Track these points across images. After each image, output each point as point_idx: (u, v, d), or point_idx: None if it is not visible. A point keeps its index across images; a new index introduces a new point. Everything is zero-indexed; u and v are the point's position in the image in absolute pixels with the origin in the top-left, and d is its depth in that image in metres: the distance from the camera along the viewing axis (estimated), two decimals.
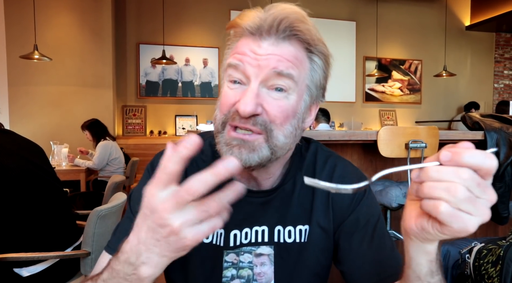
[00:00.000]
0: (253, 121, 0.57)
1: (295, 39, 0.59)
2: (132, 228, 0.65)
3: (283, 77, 0.57)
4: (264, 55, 0.57)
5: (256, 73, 0.57)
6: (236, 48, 0.60)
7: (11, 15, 4.43)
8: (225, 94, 0.60)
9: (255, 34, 0.58)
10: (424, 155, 1.81)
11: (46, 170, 1.52)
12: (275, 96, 0.58)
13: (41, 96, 4.60)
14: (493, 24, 6.47)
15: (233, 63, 0.58)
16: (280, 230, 0.68)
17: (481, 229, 2.46)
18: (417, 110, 6.68)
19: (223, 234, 0.68)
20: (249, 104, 0.55)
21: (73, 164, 3.64)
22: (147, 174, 0.72)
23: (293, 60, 0.58)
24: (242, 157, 0.57)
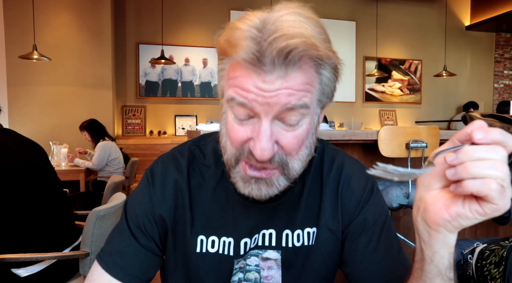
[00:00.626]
0: (271, 161, 0.54)
1: (304, 63, 0.51)
2: (129, 245, 0.65)
3: (296, 110, 0.52)
4: (272, 92, 0.50)
5: (266, 111, 0.51)
6: (235, 78, 0.53)
7: (10, 15, 4.42)
8: (234, 129, 0.55)
9: (253, 63, 0.50)
10: (425, 154, 1.80)
11: (46, 169, 1.51)
12: (288, 129, 0.54)
13: (40, 96, 4.59)
14: (493, 24, 6.46)
15: (238, 101, 0.52)
16: (289, 234, 0.67)
17: (482, 229, 2.46)
18: (417, 110, 6.68)
19: (232, 243, 0.66)
20: (266, 150, 0.52)
21: (73, 164, 3.63)
22: (146, 181, 0.68)
23: (305, 87, 0.52)
24: (262, 193, 0.57)
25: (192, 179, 0.67)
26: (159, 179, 0.66)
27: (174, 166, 0.67)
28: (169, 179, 0.66)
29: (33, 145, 1.56)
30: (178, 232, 0.66)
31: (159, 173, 0.67)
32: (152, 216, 0.65)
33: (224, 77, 0.57)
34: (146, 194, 0.66)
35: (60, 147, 3.71)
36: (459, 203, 0.41)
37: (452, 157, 0.40)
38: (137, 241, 0.65)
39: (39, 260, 1.37)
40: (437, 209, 0.43)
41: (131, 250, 0.64)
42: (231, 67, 0.54)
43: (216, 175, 0.67)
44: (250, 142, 0.54)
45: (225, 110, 0.58)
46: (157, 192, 0.66)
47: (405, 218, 2.31)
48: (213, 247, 0.65)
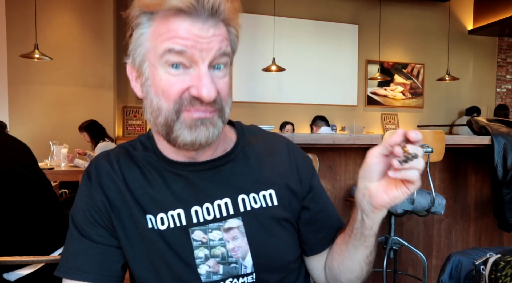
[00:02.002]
0: (214, 102, 0.59)
1: (225, 15, 0.59)
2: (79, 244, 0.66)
3: (224, 56, 0.59)
4: (209, 38, 0.57)
5: (203, 57, 0.57)
6: (169, 31, 0.56)
7: (12, 14, 4.40)
8: (169, 83, 0.58)
9: (192, 15, 0.56)
10: (431, 159, 1.77)
11: (33, 170, 1.48)
12: (220, 75, 0.60)
13: (41, 96, 4.57)
14: (495, 28, 6.45)
15: (177, 49, 0.56)
16: (245, 198, 0.68)
17: (486, 235, 2.42)
18: (419, 114, 6.65)
19: (182, 214, 0.65)
20: (212, 89, 0.57)
21: (73, 164, 3.60)
22: (83, 181, 0.70)
23: (227, 37, 0.60)
24: (209, 133, 0.60)
25: (123, 167, 0.69)
26: (94, 173, 0.68)
27: (105, 159, 0.70)
28: (102, 171, 0.68)
29: (19, 145, 1.53)
30: (123, 217, 0.66)
31: (92, 170, 0.69)
32: (96, 205, 0.66)
33: (148, 40, 0.59)
34: (86, 190, 0.68)
35: (60, 147, 3.68)
36: (393, 189, 0.57)
37: (396, 163, 0.54)
38: (88, 239, 0.65)
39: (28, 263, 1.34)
40: (380, 194, 0.58)
41: (83, 248, 0.64)
42: (160, 24, 0.58)
43: (147, 158, 0.69)
44: (191, 89, 0.57)
45: (148, 74, 0.60)
46: (93, 184, 0.67)
47: (408, 224, 2.28)
48: (163, 223, 0.65)
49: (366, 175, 0.59)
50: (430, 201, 1.76)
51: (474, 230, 2.40)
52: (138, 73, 0.63)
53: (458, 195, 2.35)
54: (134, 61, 0.63)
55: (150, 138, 0.71)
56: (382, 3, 6.18)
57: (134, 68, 0.64)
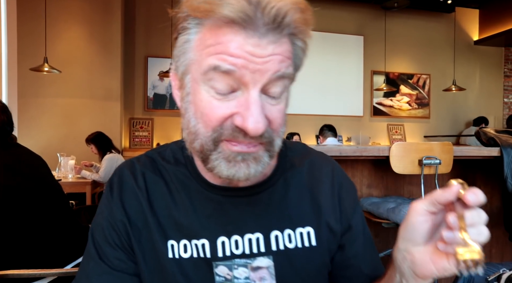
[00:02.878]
0: (261, 136, 0.49)
1: (288, 29, 0.49)
2: (94, 266, 0.60)
3: (284, 79, 0.49)
4: (264, 57, 0.46)
5: (256, 80, 0.47)
6: (218, 44, 0.47)
7: (23, 29, 4.49)
8: (211, 106, 0.49)
9: (247, 28, 0.45)
10: (438, 171, 1.76)
11: (48, 183, 1.49)
12: (273, 102, 0.50)
13: (49, 108, 4.62)
14: (501, 39, 6.43)
15: (224, 68, 0.46)
16: (278, 235, 0.60)
17: (497, 248, 2.38)
18: (426, 125, 6.61)
19: (207, 245, 0.58)
20: (261, 122, 0.47)
21: (80, 176, 3.62)
22: (105, 192, 0.64)
23: (290, 55, 0.50)
24: (251, 171, 0.51)
25: (149, 182, 0.62)
26: (116, 186, 0.62)
27: (129, 170, 0.63)
28: (125, 185, 0.62)
29: (36, 159, 1.55)
30: (144, 239, 0.60)
31: (116, 181, 0.63)
32: (116, 224, 0.60)
33: (193, 50, 0.50)
34: (107, 204, 0.62)
35: (67, 159, 3.71)
36: (444, 259, 0.44)
37: (449, 235, 0.42)
38: (104, 262, 0.59)
39: (42, 276, 1.34)
40: (425, 263, 0.46)
41: (98, 271, 0.59)
42: (208, 34, 0.48)
43: (177, 174, 0.62)
44: (235, 117, 0.48)
45: (190, 89, 0.51)
46: (115, 198, 0.61)
47: None
48: (186, 251, 0.58)
49: (408, 235, 0.47)
50: None
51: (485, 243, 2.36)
52: (180, 83, 0.55)
53: None
54: (177, 69, 0.54)
55: (184, 150, 0.62)
56: (387, 14, 6.22)
57: (177, 77, 0.55)
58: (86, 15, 4.73)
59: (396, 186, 2.18)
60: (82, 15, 4.72)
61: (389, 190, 2.16)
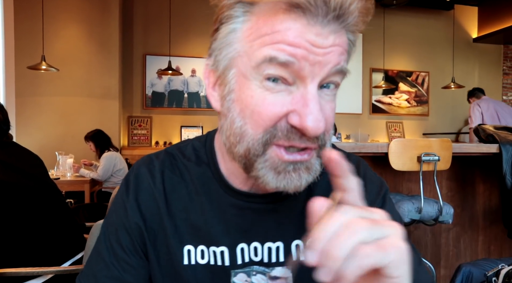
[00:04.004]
0: (316, 138, 0.44)
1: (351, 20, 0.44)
2: (101, 269, 0.56)
3: (341, 74, 0.45)
4: (326, 48, 0.42)
5: (315, 73, 0.42)
6: (274, 32, 0.41)
7: (20, 27, 4.47)
8: (266, 102, 0.43)
9: (308, 15, 0.40)
10: (437, 168, 1.75)
11: (45, 181, 1.49)
12: (328, 99, 0.45)
13: (47, 107, 4.61)
14: (500, 36, 6.43)
15: (282, 59, 0.41)
16: (300, 245, 0.56)
17: (496, 245, 2.38)
18: (425, 122, 6.62)
19: (226, 252, 0.55)
20: (321, 121, 0.42)
21: (78, 174, 3.62)
22: (121, 190, 0.60)
23: (347, 48, 0.46)
24: (302, 182, 0.45)
25: (167, 182, 0.57)
26: (132, 185, 0.58)
27: (147, 168, 0.59)
28: (142, 184, 0.58)
29: (32, 158, 1.54)
30: (159, 243, 0.56)
31: (132, 179, 0.59)
32: (130, 226, 0.56)
33: (241, 41, 0.44)
34: (122, 204, 0.58)
35: (66, 157, 3.70)
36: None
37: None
38: (115, 267, 0.56)
39: (40, 274, 1.34)
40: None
41: (107, 274, 0.56)
42: (261, 21, 0.42)
43: (199, 174, 0.57)
44: (291, 116, 0.43)
45: (234, 85, 0.46)
46: (130, 199, 0.57)
47: (415, 233, 2.25)
48: (203, 257, 0.55)
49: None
50: (437, 210, 1.74)
51: (483, 239, 2.36)
52: (219, 80, 0.49)
53: (466, 203, 2.32)
54: (216, 64, 0.48)
55: (207, 148, 0.58)
56: (385, 12, 6.21)
57: (215, 73, 0.49)
58: (84, 13, 4.71)
59: (395, 183, 2.18)
60: (80, 13, 4.70)
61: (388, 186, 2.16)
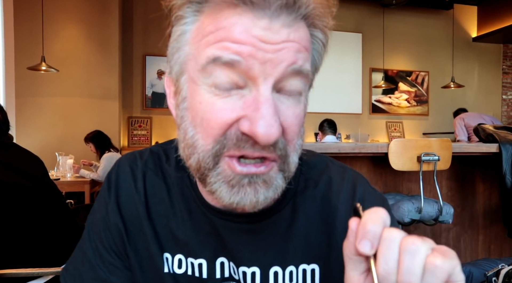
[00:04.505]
0: (274, 146, 0.39)
1: (310, 13, 0.40)
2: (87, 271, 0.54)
3: (300, 76, 0.40)
4: (277, 44, 0.37)
5: (267, 73, 0.37)
6: (219, 29, 0.38)
7: (20, 28, 4.47)
8: (214, 108, 0.39)
9: (255, 8, 0.37)
10: (437, 168, 1.75)
11: (45, 182, 1.49)
12: (289, 104, 0.40)
13: (47, 107, 4.61)
14: (500, 35, 6.43)
15: (227, 58, 0.37)
16: (278, 272, 0.50)
17: (496, 244, 2.38)
18: (425, 122, 6.62)
19: (204, 264, 0.51)
20: (274, 126, 0.37)
21: (79, 175, 3.62)
22: (103, 187, 0.57)
23: (308, 45, 0.41)
24: (259, 198, 0.40)
25: (149, 184, 0.54)
26: (114, 184, 0.55)
27: (129, 167, 0.55)
28: (122, 184, 0.54)
29: (32, 158, 1.54)
30: (140, 247, 0.53)
31: (113, 178, 0.55)
32: (110, 227, 0.54)
33: (190, 43, 0.41)
34: (103, 203, 0.55)
35: (66, 158, 3.70)
36: None
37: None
38: (98, 266, 0.54)
39: (40, 275, 1.34)
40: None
41: (92, 276, 0.54)
42: (207, 20, 0.39)
43: (177, 180, 0.53)
44: (241, 122, 0.38)
45: (186, 93, 0.42)
46: (111, 200, 0.54)
47: (415, 233, 2.25)
48: (180, 267, 0.52)
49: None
50: (437, 210, 1.74)
51: (484, 239, 2.36)
52: (175, 88, 0.45)
53: (466, 203, 2.32)
54: (171, 71, 0.45)
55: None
56: (385, 12, 6.21)
57: (172, 82, 0.46)
58: (84, 14, 4.71)
59: (395, 183, 2.18)
60: (80, 14, 4.70)
61: (388, 186, 2.16)
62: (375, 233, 0.32)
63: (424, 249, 0.31)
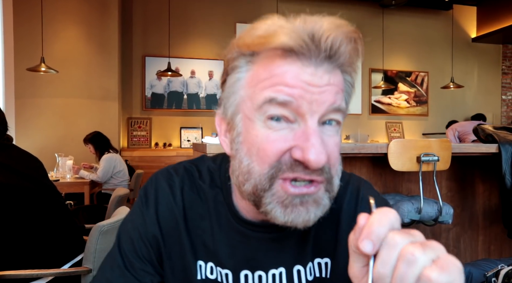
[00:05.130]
0: (319, 171, 0.46)
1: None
2: (119, 276, 0.57)
3: (339, 113, 0.47)
4: (321, 87, 0.45)
5: (313, 110, 0.45)
6: (272, 76, 0.46)
7: (20, 29, 4.48)
8: (269, 140, 0.46)
9: (303, 56, 0.44)
10: (437, 168, 1.75)
11: (44, 183, 1.48)
12: (330, 134, 0.47)
13: (47, 108, 4.61)
14: (499, 36, 6.44)
15: (281, 99, 0.44)
16: (300, 270, 0.58)
17: (496, 244, 2.38)
18: (424, 122, 6.62)
19: (230, 276, 0.57)
20: (323, 153, 0.44)
21: (78, 176, 3.61)
22: (139, 201, 0.62)
23: (343, 88, 0.49)
24: (311, 217, 0.46)
25: (187, 199, 0.60)
26: (152, 198, 0.61)
27: (167, 183, 0.61)
28: (162, 198, 0.60)
29: (32, 160, 1.54)
30: (175, 256, 0.60)
31: (152, 192, 0.61)
32: (146, 237, 0.59)
33: (244, 88, 0.49)
34: (140, 215, 0.61)
35: (66, 159, 3.70)
36: None
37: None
38: (131, 274, 0.59)
39: (39, 276, 1.34)
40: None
41: (121, 281, 0.58)
42: (261, 69, 0.47)
43: (211, 196, 0.60)
44: (294, 151, 0.45)
45: (241, 129, 0.49)
46: (150, 212, 0.60)
47: None
48: (212, 273, 0.58)
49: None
50: (437, 210, 1.74)
51: (483, 240, 2.36)
52: (229, 126, 0.52)
53: (465, 203, 2.32)
54: (225, 112, 0.52)
55: (221, 172, 0.61)
56: (384, 12, 6.22)
57: (225, 120, 0.53)
58: (83, 15, 4.71)
59: (394, 183, 2.18)
60: (79, 15, 4.70)
61: (388, 187, 2.16)
62: (379, 234, 0.34)
63: (423, 259, 0.31)
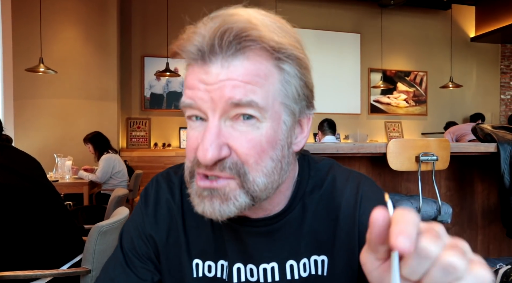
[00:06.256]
0: (220, 167, 0.46)
1: (251, 51, 0.45)
2: (121, 273, 0.59)
3: (244, 108, 0.45)
4: (214, 84, 0.45)
5: (212, 108, 0.45)
6: (186, 80, 0.49)
7: (18, 30, 4.47)
8: (189, 137, 0.49)
9: (198, 59, 0.46)
10: (436, 168, 1.76)
11: (43, 184, 1.48)
12: (243, 129, 0.46)
13: (46, 109, 4.61)
14: (498, 35, 6.45)
15: (186, 103, 0.47)
16: (293, 265, 0.58)
17: (495, 244, 2.38)
18: (423, 122, 6.63)
19: (225, 267, 0.59)
20: (208, 150, 0.44)
21: (77, 176, 3.61)
22: (140, 202, 0.64)
23: (254, 79, 0.45)
24: (215, 210, 0.47)
25: (185, 200, 0.60)
26: (152, 199, 0.63)
27: (166, 184, 0.63)
28: (161, 199, 0.62)
29: (30, 160, 1.54)
30: (172, 255, 0.61)
31: (152, 193, 0.63)
32: (145, 236, 0.61)
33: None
34: (140, 215, 0.63)
35: (65, 159, 3.70)
36: None
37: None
38: (132, 271, 0.60)
39: (38, 277, 1.33)
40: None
41: (124, 279, 0.60)
42: (186, 77, 0.50)
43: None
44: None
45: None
46: (149, 212, 0.62)
47: None
48: (210, 271, 0.60)
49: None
50: (436, 210, 1.74)
51: (482, 239, 2.36)
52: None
53: (464, 203, 2.32)
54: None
55: None
56: (383, 12, 6.22)
57: None
58: (82, 15, 4.71)
59: (393, 183, 2.18)
60: (78, 15, 4.70)
61: (387, 187, 2.16)
62: (411, 232, 0.29)
63: (462, 269, 0.28)
